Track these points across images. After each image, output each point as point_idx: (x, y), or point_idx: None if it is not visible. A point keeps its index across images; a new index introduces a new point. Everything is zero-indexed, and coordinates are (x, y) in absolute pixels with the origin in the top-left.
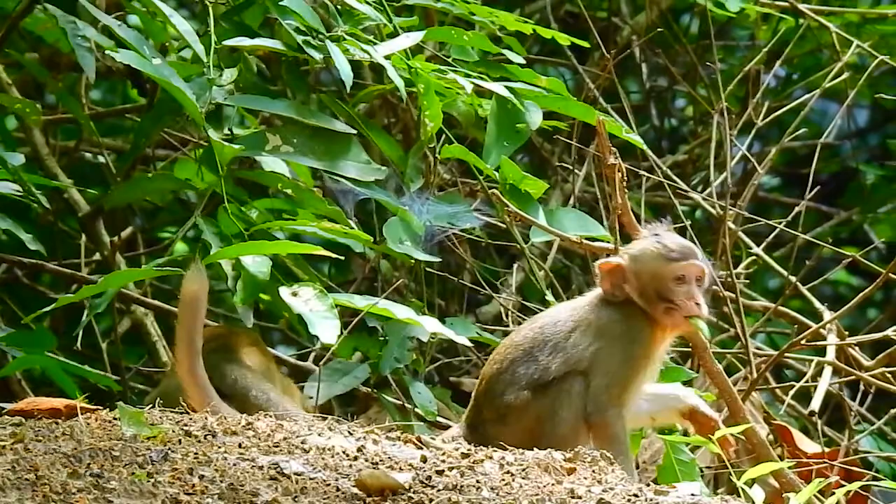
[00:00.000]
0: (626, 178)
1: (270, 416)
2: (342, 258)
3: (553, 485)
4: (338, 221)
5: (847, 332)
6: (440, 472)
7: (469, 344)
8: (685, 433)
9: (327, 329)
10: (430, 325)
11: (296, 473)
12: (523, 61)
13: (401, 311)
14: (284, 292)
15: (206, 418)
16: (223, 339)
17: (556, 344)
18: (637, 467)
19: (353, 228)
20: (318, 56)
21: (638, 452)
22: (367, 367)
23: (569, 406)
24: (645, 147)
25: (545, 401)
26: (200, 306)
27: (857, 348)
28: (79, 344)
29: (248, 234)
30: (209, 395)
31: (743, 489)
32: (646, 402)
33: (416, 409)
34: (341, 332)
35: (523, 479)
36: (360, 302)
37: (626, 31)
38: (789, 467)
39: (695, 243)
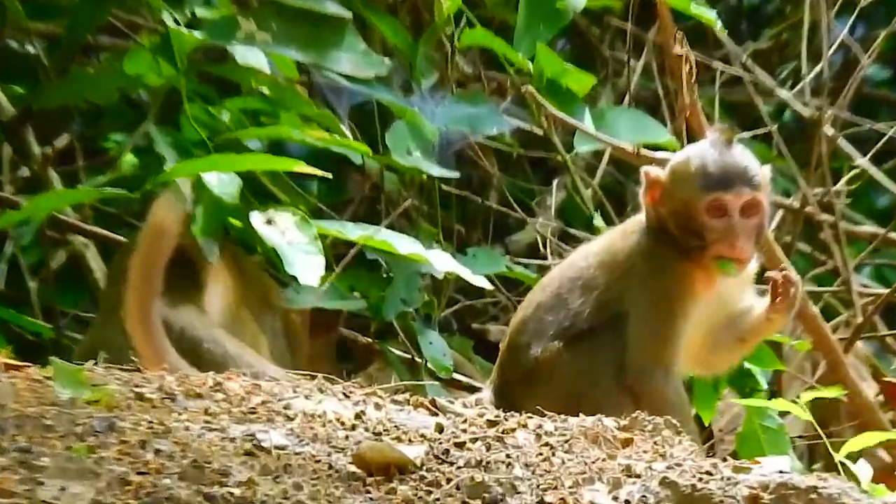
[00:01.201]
0: (695, 70)
1: (245, 376)
2: (329, 175)
3: (604, 460)
4: (329, 128)
5: None
6: (460, 445)
7: (488, 285)
8: (772, 393)
9: (308, 267)
10: (440, 262)
11: (277, 447)
12: None
13: (403, 245)
14: (257, 219)
15: (162, 377)
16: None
17: (585, 283)
18: (710, 438)
19: (347, 136)
20: None
21: (712, 419)
22: (364, 302)
23: (610, 360)
24: (721, 27)
25: (580, 355)
26: (168, 242)
27: None
28: (2, 284)
29: (213, 144)
30: (165, 353)
31: (844, 464)
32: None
33: (429, 365)
34: (332, 269)
35: (566, 453)
36: (353, 232)
37: None
38: None
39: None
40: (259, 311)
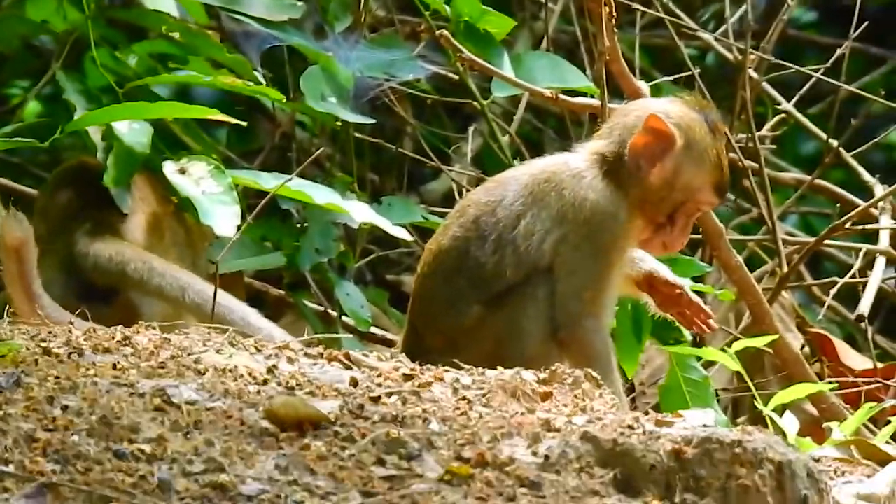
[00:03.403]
0: (615, 13)
1: (154, 329)
2: (244, 123)
3: (523, 414)
4: (241, 73)
5: None
6: (375, 400)
7: (408, 237)
8: (695, 341)
9: (224, 218)
10: (358, 213)
11: (187, 402)
12: None
13: (320, 194)
14: (170, 168)
15: (69, 332)
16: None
17: (500, 237)
18: (633, 390)
19: (259, 82)
20: None
21: (635, 371)
22: (283, 258)
23: (536, 318)
24: None
25: (503, 314)
26: (29, 253)
27: None
28: None
29: (122, 91)
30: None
31: (770, 418)
32: None
33: (343, 317)
34: (244, 220)
35: (484, 406)
36: (268, 181)
37: None
38: (831, 389)
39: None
40: (184, 244)
